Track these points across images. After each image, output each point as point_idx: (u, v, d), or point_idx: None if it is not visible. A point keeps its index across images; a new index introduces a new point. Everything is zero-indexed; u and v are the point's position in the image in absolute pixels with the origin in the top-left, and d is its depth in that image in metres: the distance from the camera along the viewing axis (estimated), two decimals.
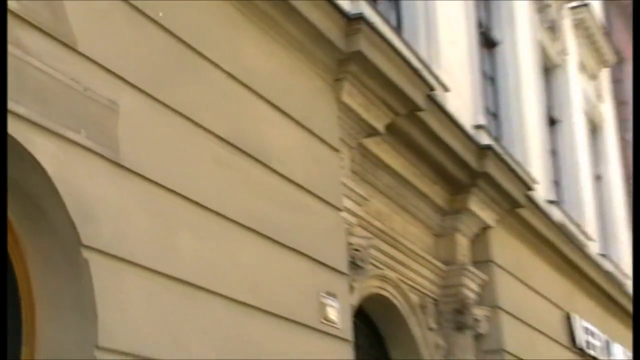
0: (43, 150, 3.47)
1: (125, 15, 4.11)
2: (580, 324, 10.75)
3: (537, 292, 9.64)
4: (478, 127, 8.64)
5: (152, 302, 3.96)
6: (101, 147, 3.79)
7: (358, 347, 6.00)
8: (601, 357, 11.39)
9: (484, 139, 8.48)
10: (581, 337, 10.71)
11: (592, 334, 11.12)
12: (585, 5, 13.80)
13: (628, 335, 13.01)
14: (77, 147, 3.65)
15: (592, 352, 11.00)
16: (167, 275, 4.06)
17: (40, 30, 3.54)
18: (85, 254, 3.60)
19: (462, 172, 7.88)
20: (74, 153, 3.64)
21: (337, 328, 5.42)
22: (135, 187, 3.99)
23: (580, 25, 13.66)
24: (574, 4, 13.27)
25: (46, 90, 3.52)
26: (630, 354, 12.72)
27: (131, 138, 4.00)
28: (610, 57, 15.09)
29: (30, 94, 3.41)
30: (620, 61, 16.16)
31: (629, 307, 13.07)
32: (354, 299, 6.15)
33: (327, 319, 5.34)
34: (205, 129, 4.53)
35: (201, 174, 4.48)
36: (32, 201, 3.58)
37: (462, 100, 8.43)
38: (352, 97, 6.05)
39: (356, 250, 6.10)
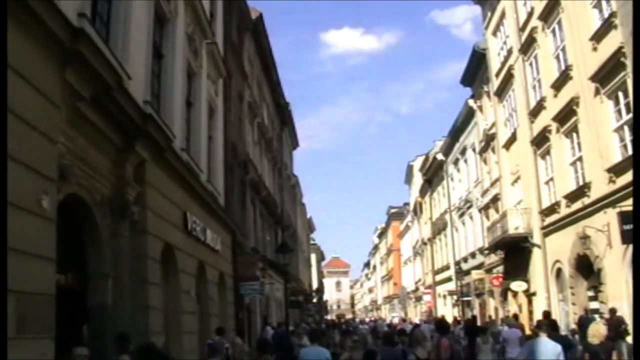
0: None
1: None
2: (191, 218, 11.08)
3: (169, 200, 9.82)
4: (146, 102, 8.59)
5: None
6: None
7: (64, 225, 5.86)
8: (200, 236, 11.87)
9: (149, 110, 8.49)
10: (191, 225, 11.05)
11: (196, 223, 11.54)
12: (215, 43, 14.27)
13: (215, 225, 13.73)
14: None
15: (195, 234, 11.42)
16: None
17: None
18: None
19: (133, 128, 7.87)
20: None
21: (47, 212, 5.31)
22: None
23: (210, 54, 14.05)
24: (208, 41, 13.64)
25: None
26: (213, 235, 13.33)
27: None
28: (223, 73, 15.67)
29: None
30: (229, 77, 16.90)
31: (216, 208, 13.88)
32: (61, 196, 5.99)
33: (42, 207, 5.21)
34: None
35: None
36: None
37: (139, 86, 8.37)
38: (71, 77, 5.86)
39: (64, 167, 5.96)
